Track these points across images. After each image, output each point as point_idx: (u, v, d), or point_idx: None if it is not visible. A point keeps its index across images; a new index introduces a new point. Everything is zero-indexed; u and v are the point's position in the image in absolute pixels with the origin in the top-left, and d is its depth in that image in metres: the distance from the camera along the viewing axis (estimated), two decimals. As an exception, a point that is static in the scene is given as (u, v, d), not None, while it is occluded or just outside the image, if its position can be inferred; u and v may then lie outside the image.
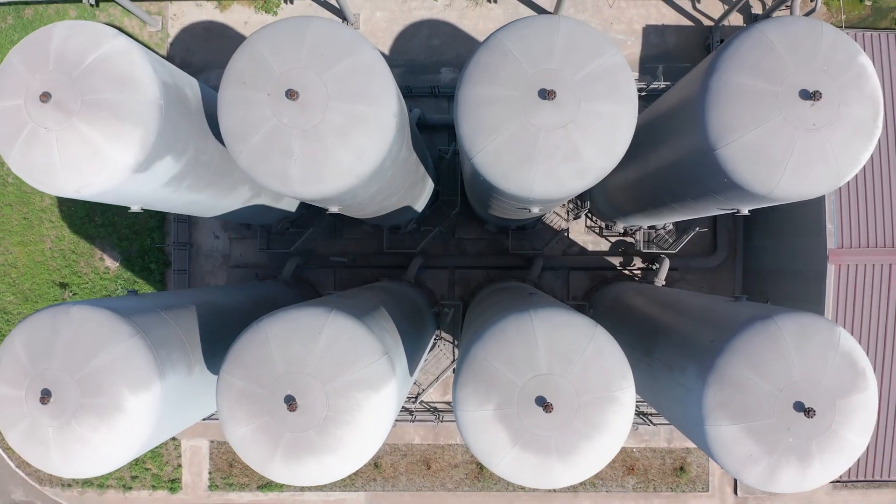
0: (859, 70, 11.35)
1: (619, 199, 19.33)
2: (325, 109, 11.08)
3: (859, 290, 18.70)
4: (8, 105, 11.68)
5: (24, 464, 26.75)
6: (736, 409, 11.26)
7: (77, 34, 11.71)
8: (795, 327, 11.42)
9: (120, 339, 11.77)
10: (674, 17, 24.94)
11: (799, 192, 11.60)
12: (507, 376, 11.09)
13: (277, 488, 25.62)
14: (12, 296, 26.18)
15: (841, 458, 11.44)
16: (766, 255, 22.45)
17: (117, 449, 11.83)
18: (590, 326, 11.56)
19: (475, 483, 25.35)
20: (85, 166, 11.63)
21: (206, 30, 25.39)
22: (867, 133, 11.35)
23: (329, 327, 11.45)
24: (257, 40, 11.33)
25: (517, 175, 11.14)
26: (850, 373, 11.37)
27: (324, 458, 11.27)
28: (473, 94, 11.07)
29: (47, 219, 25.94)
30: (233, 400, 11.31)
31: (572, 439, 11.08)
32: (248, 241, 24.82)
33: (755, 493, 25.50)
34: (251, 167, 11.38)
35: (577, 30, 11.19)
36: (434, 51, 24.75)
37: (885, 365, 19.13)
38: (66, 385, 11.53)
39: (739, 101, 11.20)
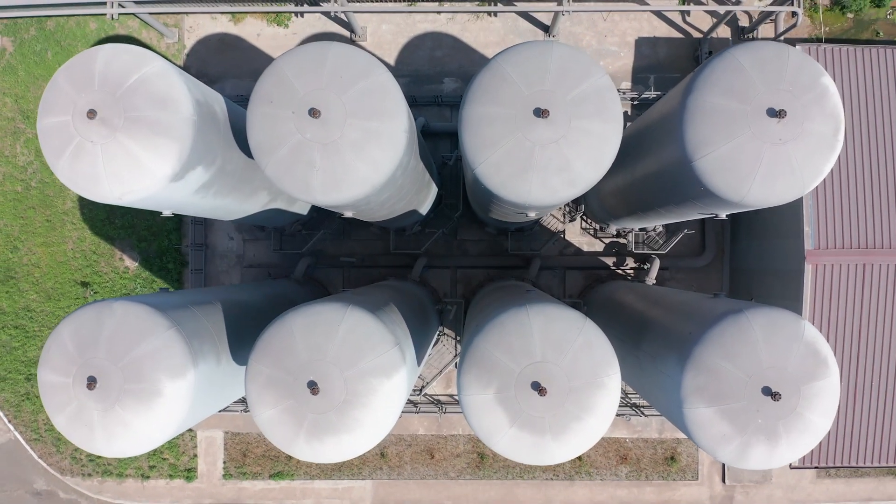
0: (822, 90, 12.67)
1: (612, 203, 20.66)
2: (344, 126, 12.42)
3: (835, 289, 20.03)
4: (56, 121, 13.02)
5: (46, 455, 28.07)
6: (711, 394, 12.59)
7: (119, 57, 13.05)
8: (764, 320, 12.76)
9: (158, 331, 13.11)
10: (665, 30, 26.27)
11: (768, 200, 12.93)
12: (505, 364, 12.43)
13: (289, 477, 26.96)
14: (35, 294, 27.50)
15: (805, 439, 12.76)
16: (750, 256, 23.79)
17: (155, 430, 13.16)
18: (580, 320, 12.90)
19: (476, 472, 26.68)
20: (127, 176, 12.96)
21: (221, 41, 26.72)
22: (828, 147, 12.69)
23: (347, 320, 12.80)
24: (283, 63, 12.64)
25: (515, 184, 12.48)
26: (813, 361, 12.69)
27: (342, 437, 12.61)
28: (476, 113, 12.41)
29: (69, 221, 27.26)
30: (261, 385, 12.65)
31: (564, 420, 12.42)
32: (261, 243, 26.16)
33: (742, 481, 26.85)
34: (277, 177, 12.72)
35: (568, 54, 12.53)
36: (437, 62, 26.08)
37: (860, 357, 20.46)
38: (110, 372, 12.85)
39: (713, 118, 12.54)
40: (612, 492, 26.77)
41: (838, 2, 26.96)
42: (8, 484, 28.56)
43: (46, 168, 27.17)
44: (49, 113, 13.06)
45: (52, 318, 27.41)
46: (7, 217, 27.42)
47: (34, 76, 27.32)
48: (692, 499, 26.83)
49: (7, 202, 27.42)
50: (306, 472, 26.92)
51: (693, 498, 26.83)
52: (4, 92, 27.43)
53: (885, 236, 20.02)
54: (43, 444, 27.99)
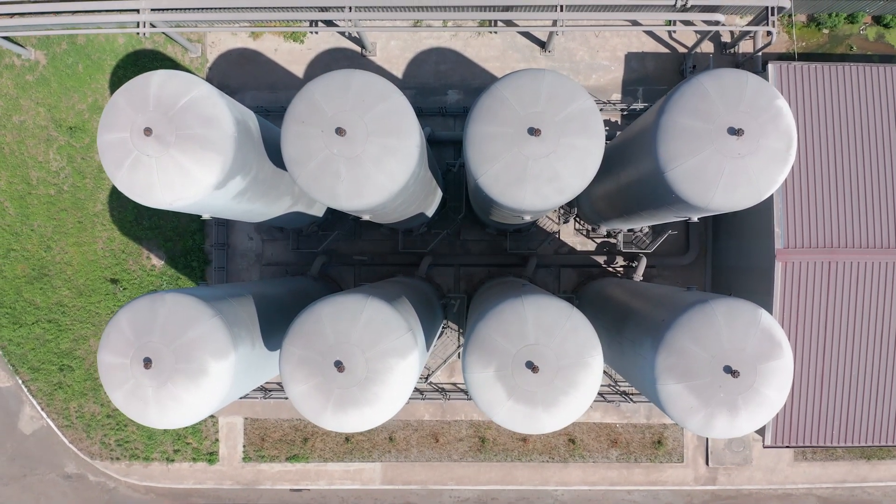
0: (776, 111, 14.76)
1: (601, 206, 22.75)
2: (366, 142, 14.51)
3: (803, 284, 22.10)
4: (116, 137, 15.10)
5: (77, 440, 30.15)
6: (679, 372, 14.67)
7: (171, 81, 15.13)
8: (726, 309, 14.84)
9: (204, 318, 15.19)
10: (652, 45, 28.35)
11: (729, 206, 15.02)
12: (503, 346, 14.52)
13: (304, 459, 29.06)
14: (68, 290, 29.58)
15: (762, 411, 14.82)
16: (729, 254, 25.88)
17: (202, 404, 15.24)
18: (568, 309, 14.98)
19: (478, 455, 28.78)
20: (178, 185, 15.05)
21: (241, 56, 28.81)
22: (782, 160, 14.76)
23: (367, 309, 14.89)
24: (313, 88, 14.72)
25: (511, 192, 14.57)
26: (769, 344, 14.77)
27: (364, 409, 14.70)
28: (479, 131, 14.50)
29: (99, 222, 29.35)
30: (294, 364, 14.74)
31: (554, 394, 14.51)
32: (279, 243, 28.25)
33: (725, 463, 28.93)
34: (308, 186, 14.81)
35: (557, 81, 14.61)
36: (442, 75, 28.17)
37: (826, 346, 22.53)
38: (164, 354, 14.93)
39: (682, 135, 14.62)
40: (604, 473, 28.86)
41: (814, 19, 29.04)
42: (40, 468, 30.63)
43: (78, 173, 29.27)
44: (109, 130, 15.13)
45: (83, 312, 29.50)
46: (41, 218, 29.51)
47: (66, 87, 29.39)
48: (678, 480, 28.92)
49: (41, 205, 29.50)
50: (320, 455, 29.02)
51: (679, 479, 28.91)
52: (38, 102, 29.50)
53: (848, 236, 22.09)
54: (74, 430, 30.06)
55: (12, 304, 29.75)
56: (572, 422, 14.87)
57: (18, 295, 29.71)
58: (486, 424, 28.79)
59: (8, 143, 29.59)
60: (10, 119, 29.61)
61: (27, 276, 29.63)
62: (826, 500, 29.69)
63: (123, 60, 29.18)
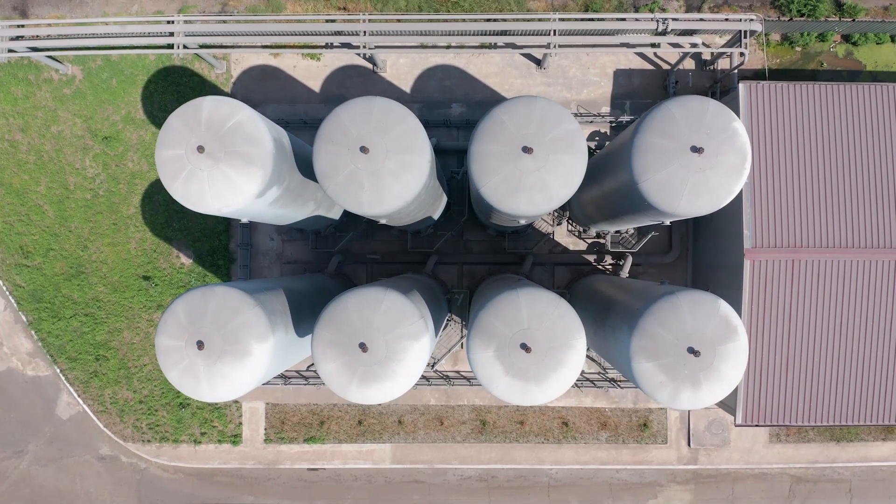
0: (732, 132, 17.44)
1: (589, 210, 25.44)
2: (385, 159, 17.20)
3: (769, 280, 24.79)
4: (172, 153, 17.79)
5: (111, 424, 32.83)
6: (650, 352, 17.35)
7: (220, 106, 17.81)
8: (690, 299, 17.52)
9: (248, 307, 17.88)
10: (638, 63, 31.03)
11: (693, 212, 17.70)
12: (501, 330, 17.22)
13: (320, 441, 31.75)
14: (103, 287, 32.27)
15: (720, 386, 17.49)
16: (707, 253, 28.58)
17: (245, 380, 17.92)
18: (556, 299, 17.67)
19: (479, 436, 31.48)
20: (226, 194, 17.74)
21: (263, 72, 31.50)
22: (737, 173, 17.44)
23: (386, 299, 17.58)
24: (340, 112, 17.41)
25: (508, 201, 17.26)
26: (726, 329, 17.44)
27: (384, 384, 17.39)
28: (481, 149, 17.21)
29: (132, 224, 32.04)
30: (324, 346, 17.43)
31: (544, 371, 17.19)
32: (297, 243, 30.96)
33: (705, 445, 31.61)
34: (336, 196, 17.50)
35: (547, 106, 17.31)
36: (446, 90, 30.86)
37: (790, 334, 25.19)
38: (214, 338, 17.62)
39: (652, 153, 17.31)
40: (594, 454, 31.55)
41: (787, 38, 31.72)
42: (76, 450, 33.31)
43: (112, 179, 31.97)
44: (166, 147, 17.82)
45: (117, 307, 32.19)
46: (78, 220, 32.20)
47: (101, 100, 32.08)
48: (662, 460, 31.60)
49: (78, 208, 32.19)
50: (335, 437, 31.72)
51: (663, 459, 31.60)
52: (75, 114, 32.19)
53: (810, 237, 24.75)
54: (108, 415, 32.76)
55: (52, 300, 32.43)
56: (559, 395, 17.51)
57: (57, 291, 32.39)
58: (487, 409, 31.50)
59: (47, 152, 32.27)
60: (48, 129, 32.30)
61: (65, 273, 32.31)
62: (799, 479, 32.36)
63: (154, 76, 31.86)
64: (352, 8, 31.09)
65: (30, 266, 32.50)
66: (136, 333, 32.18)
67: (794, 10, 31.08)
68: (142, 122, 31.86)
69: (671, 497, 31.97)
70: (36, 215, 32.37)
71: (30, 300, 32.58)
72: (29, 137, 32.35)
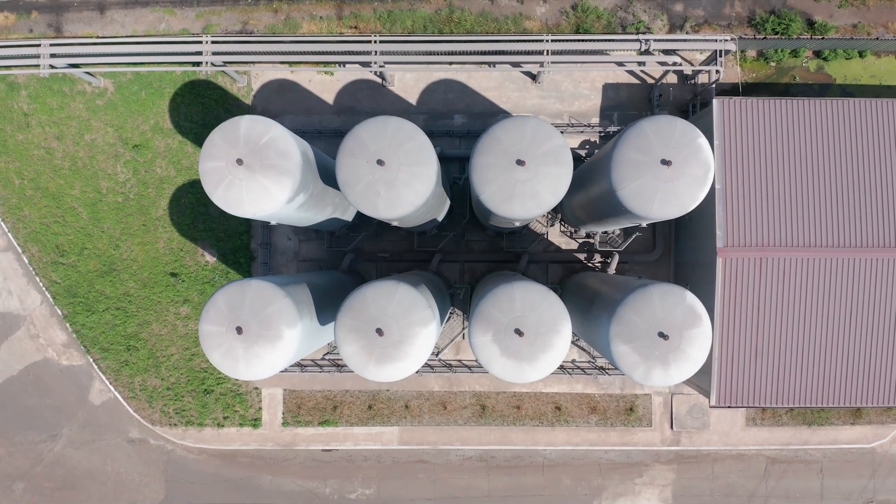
0: (697, 147, 20.25)
1: (579, 213, 28.27)
2: (398, 170, 20.03)
3: (740, 276, 27.59)
4: (214, 165, 20.61)
5: (140, 409, 35.65)
6: (626, 336, 20.16)
7: (255, 124, 20.63)
8: (660, 291, 20.33)
9: (279, 298, 20.69)
10: (626, 77, 33.84)
11: (663, 216, 20.53)
12: (498, 317, 20.04)
13: (333, 424, 34.58)
14: (133, 283, 35.09)
15: (687, 366, 20.28)
16: (687, 252, 31.40)
17: (277, 361, 20.72)
18: (546, 291, 20.49)
19: (479, 420, 34.32)
20: (261, 200, 20.56)
21: (280, 85, 34.32)
22: (701, 183, 20.25)
23: (399, 291, 20.40)
24: (360, 129, 20.21)
25: (504, 206, 20.08)
26: (692, 316, 20.25)
27: (397, 363, 20.21)
28: (481, 161, 20.03)
29: (161, 225, 34.86)
30: (346, 331, 20.25)
31: (534, 353, 20.00)
32: (313, 242, 33.79)
33: (687, 427, 34.43)
34: (356, 202, 20.32)
35: (538, 125, 20.12)
36: (449, 102, 33.68)
37: (759, 325, 27.98)
38: (251, 324, 20.42)
39: (628, 165, 20.13)
40: (585, 435, 34.38)
41: (763, 54, 34.53)
42: (108, 434, 36.12)
43: (142, 183, 34.78)
44: (209, 159, 20.63)
45: (147, 301, 35.02)
46: (110, 222, 35.03)
47: (131, 111, 34.90)
48: (647, 441, 34.43)
49: (110, 210, 35.02)
50: (347, 421, 34.56)
51: (648, 441, 34.43)
52: (107, 123, 35.02)
53: (776, 237, 27.54)
54: (137, 401, 35.59)
55: (86, 295, 35.27)
56: (548, 373, 20.27)
57: (91, 286, 35.22)
58: (487, 394, 34.33)
59: (81, 158, 35.11)
60: (82, 137, 35.13)
61: (98, 270, 35.14)
62: (773, 460, 35.17)
63: (181, 88, 34.69)
64: (362, 27, 33.92)
65: (65, 264, 35.32)
66: (164, 325, 35.01)
67: (768, 29, 33.93)
68: (169, 131, 34.68)
69: (656, 476, 34.80)
70: (71, 217, 35.19)
71: (65, 295, 35.39)
72: (64, 145, 35.16)
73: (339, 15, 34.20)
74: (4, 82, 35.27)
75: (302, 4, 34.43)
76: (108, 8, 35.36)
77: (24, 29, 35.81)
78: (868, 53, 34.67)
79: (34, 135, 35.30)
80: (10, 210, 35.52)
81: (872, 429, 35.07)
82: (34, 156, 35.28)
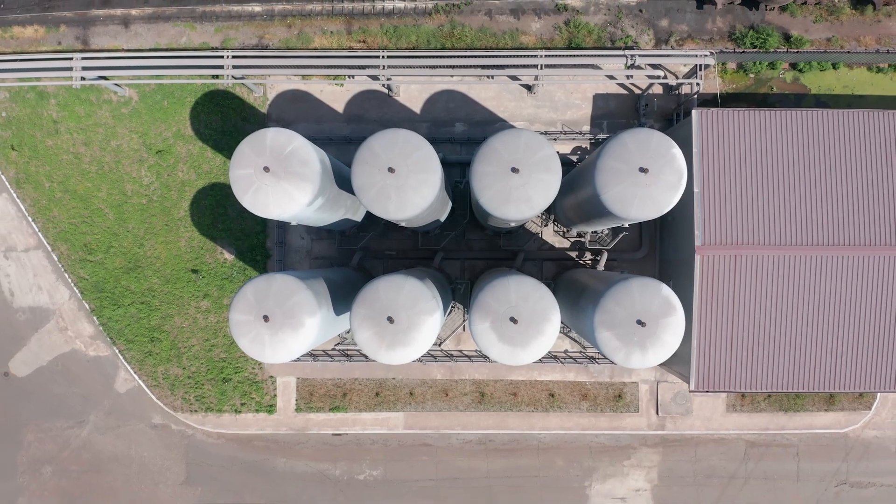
0: (671, 156, 22.87)
1: (570, 214, 30.91)
2: (407, 177, 22.65)
3: (717, 272, 30.22)
4: (244, 172, 23.22)
5: (162, 397, 38.25)
6: (608, 324, 22.79)
7: (280, 135, 23.24)
8: (639, 283, 22.96)
9: (301, 290, 23.30)
10: (615, 88, 36.47)
11: (642, 217, 23.17)
12: (495, 307, 22.67)
13: (343, 410, 37.21)
14: (157, 279, 37.70)
15: (663, 350, 22.89)
16: (670, 250, 34.06)
17: (299, 346, 23.33)
18: (538, 284, 23.13)
19: (478, 406, 36.97)
20: (285, 204, 23.19)
21: (294, 95, 36.94)
22: (675, 188, 22.87)
23: (407, 284, 23.03)
24: (373, 141, 22.83)
25: (501, 209, 22.72)
26: (666, 306, 22.87)
27: (406, 348, 22.84)
28: (480, 169, 22.67)
29: (182, 225, 37.46)
30: (361, 319, 22.88)
31: (527, 338, 22.62)
32: (324, 241, 36.42)
33: (671, 413, 37.07)
34: (370, 205, 22.95)
35: (531, 136, 22.74)
36: (451, 111, 36.31)
37: (735, 316, 30.60)
38: (276, 313, 23.03)
39: (610, 172, 22.76)
40: (577, 420, 37.03)
41: (742, 66, 37.15)
42: (132, 420, 38.72)
43: (165, 186, 37.38)
44: (239, 167, 23.25)
45: (169, 296, 37.62)
46: (135, 222, 37.63)
47: (154, 119, 37.51)
48: (634, 426, 37.08)
49: (135, 211, 37.62)
50: (356, 407, 37.20)
51: (635, 425, 37.07)
52: (132, 130, 37.63)
53: (750, 236, 30.15)
54: (160, 389, 38.20)
55: (112, 290, 37.88)
56: (539, 357, 22.89)
57: (117, 282, 37.83)
58: (485, 382, 36.96)
59: (107, 163, 37.71)
60: (108, 143, 37.73)
61: (124, 267, 37.75)
62: (752, 444, 37.80)
63: (201, 98, 37.29)
64: (370, 41, 36.55)
65: (92, 261, 37.93)
66: (186, 318, 37.64)
67: (747, 43, 36.54)
68: (190, 137, 37.29)
69: (642, 458, 37.45)
70: (98, 217, 37.79)
71: (92, 290, 38.01)
72: (91, 150, 37.76)
73: (348, 30, 36.82)
74: (35, 91, 37.84)
75: (314, 20, 37.04)
76: (132, 22, 37.92)
77: (53, 41, 38.35)
78: (841, 65, 37.24)
79: (63, 140, 37.87)
80: (41, 211, 38.11)
81: (845, 415, 37.66)
82: (63, 160, 37.85)
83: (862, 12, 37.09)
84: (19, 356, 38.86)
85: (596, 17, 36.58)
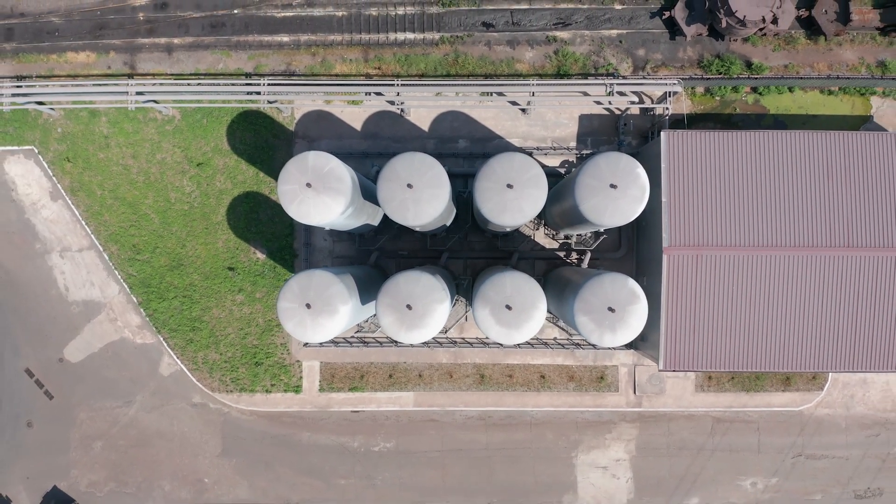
0: (636, 175, 28.25)
1: (557, 220, 36.34)
2: (422, 191, 28.03)
3: (682, 269, 35.63)
4: (290, 188, 28.55)
5: (202, 379, 43.52)
6: (585, 310, 28.17)
7: (319, 157, 28.57)
8: (610, 278, 28.34)
9: (335, 283, 28.65)
10: (598, 110, 41.85)
11: (613, 224, 28.61)
12: (493, 297, 28.06)
13: (360, 390, 42.59)
14: (197, 275, 43.00)
15: (629, 331, 28.24)
16: (644, 250, 39.49)
17: (335, 329, 28.64)
18: (528, 278, 28.52)
19: (479, 386, 42.38)
20: (323, 213, 28.53)
21: (318, 115, 42.27)
22: (639, 201, 28.23)
23: (422, 278, 28.40)
24: (395, 162, 28.17)
25: (498, 217, 28.13)
26: (632, 296, 28.25)
27: (422, 330, 28.20)
28: (481, 185, 28.08)
29: (220, 229, 42.77)
30: (385, 307, 28.24)
31: (520, 322, 28.00)
32: (345, 242, 41.78)
33: (647, 392, 42.45)
34: (392, 214, 28.34)
35: (523, 158, 28.14)
36: (455, 129, 41.69)
37: (697, 306, 36.00)
38: (316, 301, 28.36)
39: (586, 188, 28.16)
40: (565, 399, 42.45)
41: (709, 90, 42.53)
42: (174, 399, 43.95)
43: (204, 194, 42.68)
44: (286, 183, 28.56)
45: (208, 291, 42.93)
46: (178, 226, 42.93)
47: (196, 135, 42.81)
48: (615, 404, 42.47)
49: (179, 216, 42.92)
50: (371, 387, 42.57)
51: (615, 403, 42.46)
52: (175, 145, 42.92)
53: (710, 238, 35.55)
54: (200, 372, 43.49)
55: (158, 285, 43.18)
56: (530, 337, 28.24)
57: (162, 279, 43.13)
58: (485, 366, 42.34)
59: (153, 174, 43.01)
60: (154, 157, 43.03)
61: (168, 265, 43.06)
62: (718, 420, 43.14)
63: (236, 117, 42.60)
64: (384, 68, 41.91)
65: (140, 260, 43.23)
66: (223, 310, 42.96)
67: (713, 70, 41.94)
68: (227, 152, 42.60)
69: (622, 432, 42.85)
70: (145, 221, 43.09)
71: (140, 286, 43.30)
72: (138, 163, 43.05)
73: (365, 58, 42.18)
74: (87, 110, 43.07)
75: (335, 49, 42.40)
76: (174, 50, 43.20)
77: (103, 66, 43.59)
78: (797, 89, 42.54)
79: (113, 154, 43.13)
80: (93, 216, 43.36)
81: (800, 395, 42.97)
82: (113, 171, 43.11)
83: (815, 42, 42.38)
84: (73, 344, 44.02)
85: (581, 47, 41.97)
